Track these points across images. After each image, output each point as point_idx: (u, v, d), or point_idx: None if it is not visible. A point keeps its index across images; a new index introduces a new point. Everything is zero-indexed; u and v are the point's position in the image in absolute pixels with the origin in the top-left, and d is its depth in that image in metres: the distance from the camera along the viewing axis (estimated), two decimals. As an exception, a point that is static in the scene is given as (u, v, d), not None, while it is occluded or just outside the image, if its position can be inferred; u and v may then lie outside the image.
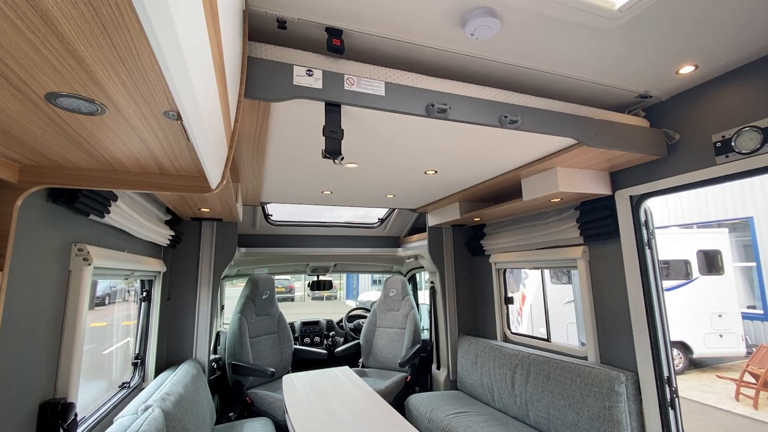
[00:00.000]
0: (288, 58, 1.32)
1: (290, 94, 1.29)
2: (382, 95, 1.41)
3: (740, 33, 1.57)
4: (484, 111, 1.60)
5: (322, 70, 1.34)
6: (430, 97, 1.50)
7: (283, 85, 1.28)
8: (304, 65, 1.33)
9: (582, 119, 1.83)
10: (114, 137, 0.88)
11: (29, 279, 1.25)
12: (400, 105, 1.44)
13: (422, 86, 1.50)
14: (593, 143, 1.83)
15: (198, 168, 1.13)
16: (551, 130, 1.74)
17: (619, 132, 1.93)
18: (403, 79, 1.48)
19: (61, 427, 1.35)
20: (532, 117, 1.69)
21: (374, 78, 1.42)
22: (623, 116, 2.02)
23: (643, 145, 2.00)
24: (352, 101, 1.37)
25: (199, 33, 0.53)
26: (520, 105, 1.69)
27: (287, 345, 4.33)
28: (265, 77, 1.26)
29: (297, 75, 1.31)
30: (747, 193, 8.48)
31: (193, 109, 0.61)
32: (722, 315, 7.15)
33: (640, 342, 2.24)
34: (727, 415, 5.31)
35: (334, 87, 1.35)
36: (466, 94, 1.59)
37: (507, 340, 3.59)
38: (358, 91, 1.38)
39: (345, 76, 1.37)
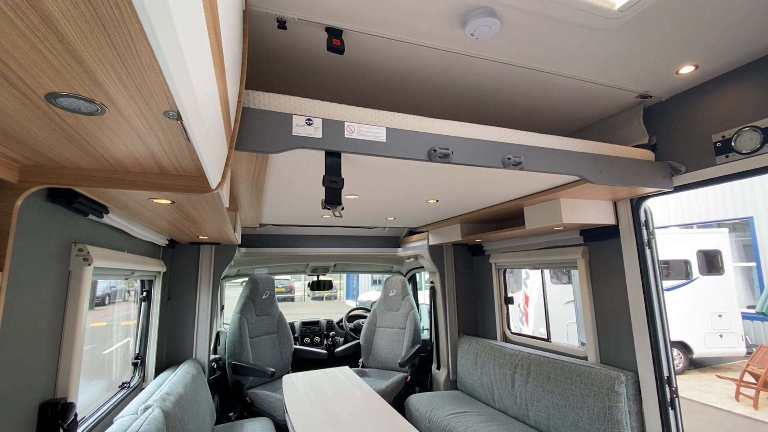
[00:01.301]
0: (286, 106, 1.28)
1: (289, 145, 1.25)
2: (384, 141, 1.37)
3: (740, 33, 1.57)
4: (486, 153, 1.56)
5: (321, 118, 1.30)
6: (432, 141, 1.46)
7: (281, 135, 1.24)
8: (304, 113, 1.29)
9: (586, 156, 1.78)
10: (114, 137, 0.88)
11: (29, 279, 1.25)
12: (401, 151, 1.40)
13: (424, 130, 1.46)
14: (598, 180, 1.78)
15: (198, 168, 1.13)
16: (555, 168, 1.69)
17: (624, 167, 1.89)
18: (405, 122, 1.44)
19: (61, 427, 1.35)
20: (535, 156, 1.65)
21: (375, 123, 1.38)
22: (628, 150, 1.97)
23: (648, 180, 1.96)
24: (353, 149, 1.33)
25: (199, 33, 0.53)
26: (524, 144, 1.64)
27: (287, 345, 4.33)
28: (262, 128, 1.22)
29: (296, 125, 1.26)
30: (747, 193, 8.48)
31: (193, 109, 0.61)
32: (722, 315, 7.15)
33: (640, 342, 2.24)
34: (727, 415, 5.31)
35: (334, 135, 1.31)
36: (469, 136, 1.55)
37: (507, 340, 3.59)
38: (358, 138, 1.34)
39: (345, 124, 1.33)
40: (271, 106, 1.25)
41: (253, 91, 1.25)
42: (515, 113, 2.31)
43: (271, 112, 1.24)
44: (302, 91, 1.99)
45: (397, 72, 1.82)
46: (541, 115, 2.34)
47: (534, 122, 2.45)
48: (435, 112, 2.28)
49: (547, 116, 2.37)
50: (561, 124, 2.49)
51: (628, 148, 1.98)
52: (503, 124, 2.48)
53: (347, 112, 1.35)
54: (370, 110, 1.40)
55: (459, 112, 2.28)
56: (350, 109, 1.37)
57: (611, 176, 1.82)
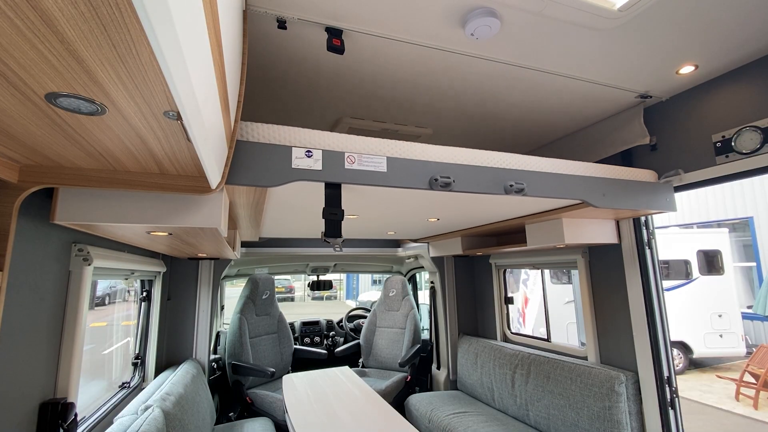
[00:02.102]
0: (286, 138, 1.25)
1: (289, 178, 1.22)
2: (384, 171, 1.36)
3: (740, 33, 1.57)
4: (488, 180, 1.54)
5: (321, 149, 1.28)
6: (433, 170, 1.44)
7: (281, 168, 1.22)
8: (303, 145, 1.26)
9: (589, 180, 1.77)
10: (114, 137, 0.88)
11: (29, 279, 1.25)
12: (402, 180, 1.39)
13: (425, 158, 1.45)
14: (600, 204, 1.77)
15: (198, 168, 1.13)
16: (558, 193, 1.68)
17: (627, 190, 1.87)
18: (406, 151, 1.42)
19: (61, 427, 1.35)
20: (538, 181, 1.63)
21: (375, 153, 1.36)
22: (631, 171, 1.95)
23: (650, 202, 1.94)
24: (354, 180, 1.31)
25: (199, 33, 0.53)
26: (526, 170, 1.63)
27: (287, 345, 4.33)
28: (261, 161, 1.19)
29: (296, 157, 1.24)
30: (747, 193, 8.48)
31: (193, 109, 0.61)
32: (722, 315, 7.15)
33: (640, 342, 2.24)
34: (727, 415, 5.31)
35: (334, 167, 1.28)
36: (470, 163, 1.53)
37: (507, 340, 3.59)
38: (359, 169, 1.32)
39: (346, 154, 1.31)
40: (270, 138, 1.23)
41: (251, 123, 1.22)
42: (515, 113, 2.31)
43: (270, 145, 1.22)
44: (302, 91, 1.99)
45: (397, 72, 1.82)
46: (542, 115, 2.34)
47: (534, 122, 2.45)
48: (435, 111, 2.28)
49: (548, 116, 2.37)
50: (561, 124, 2.49)
51: (631, 170, 1.96)
52: (503, 124, 2.48)
53: (348, 141, 1.33)
54: (371, 139, 1.38)
55: (459, 112, 2.28)
56: (351, 138, 1.34)
57: (614, 200, 1.81)
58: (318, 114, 2.27)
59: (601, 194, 1.77)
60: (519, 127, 2.54)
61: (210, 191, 1.18)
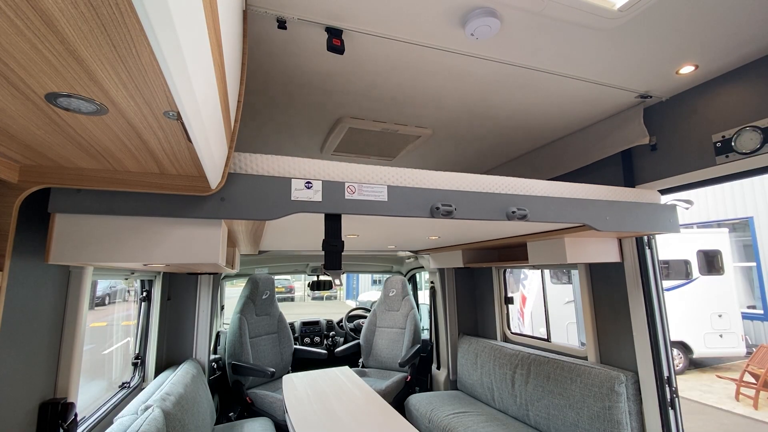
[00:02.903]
0: (285, 168, 1.23)
1: (288, 210, 1.21)
2: (385, 200, 1.35)
3: (740, 33, 1.57)
4: (490, 207, 1.53)
5: (321, 180, 1.26)
6: (434, 197, 1.43)
7: (280, 201, 1.20)
8: (302, 175, 1.24)
9: (592, 203, 1.75)
10: (114, 137, 0.88)
11: (29, 279, 1.25)
12: (403, 209, 1.38)
13: (426, 185, 1.43)
14: (603, 228, 1.75)
15: (198, 168, 1.13)
16: (561, 218, 1.66)
17: (630, 212, 1.85)
18: (407, 179, 1.41)
19: (61, 427, 1.35)
20: (540, 206, 1.62)
21: (376, 181, 1.35)
22: (635, 192, 1.93)
23: (654, 224, 1.92)
24: (354, 210, 1.30)
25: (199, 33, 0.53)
26: (528, 195, 1.61)
27: (287, 345, 4.33)
28: (259, 194, 1.17)
29: (295, 189, 1.22)
30: (747, 193, 8.48)
31: (193, 109, 0.61)
32: (722, 315, 7.15)
33: (640, 342, 2.24)
34: (727, 415, 5.31)
35: (334, 197, 1.27)
36: (472, 189, 1.52)
37: (507, 340, 3.59)
38: (359, 198, 1.31)
39: (346, 184, 1.30)
40: (268, 169, 1.21)
41: (248, 155, 1.20)
42: (515, 113, 2.31)
43: (269, 177, 1.20)
44: (302, 91, 1.99)
45: (397, 72, 1.82)
46: (542, 114, 2.34)
47: (534, 122, 2.45)
48: (435, 111, 2.28)
49: (548, 116, 2.37)
50: (561, 123, 2.49)
51: (635, 191, 1.94)
52: (503, 124, 2.48)
53: (348, 171, 1.32)
54: (371, 167, 1.37)
55: (459, 112, 2.28)
56: (351, 167, 1.33)
57: (616, 223, 1.79)
58: (318, 114, 2.27)
59: (605, 217, 1.75)
60: (519, 127, 2.54)
61: (210, 191, 1.18)
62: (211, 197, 1.14)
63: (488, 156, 3.14)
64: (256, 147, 2.79)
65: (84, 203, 1.03)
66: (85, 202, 1.03)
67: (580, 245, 2.16)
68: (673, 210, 2.01)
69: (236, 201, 1.15)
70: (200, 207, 1.12)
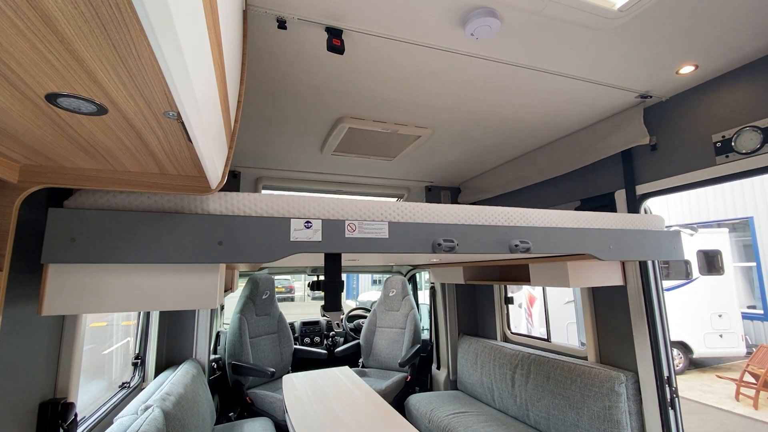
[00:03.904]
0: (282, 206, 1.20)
1: (287, 252, 1.18)
2: (386, 237, 1.32)
3: (740, 33, 1.57)
4: (493, 240, 1.51)
5: (321, 219, 1.24)
6: (436, 232, 1.42)
7: (278, 242, 1.17)
8: (302, 213, 1.22)
9: (596, 232, 1.74)
10: (114, 137, 0.88)
11: (29, 279, 1.25)
12: (405, 246, 1.35)
13: (428, 220, 1.41)
14: (606, 257, 1.73)
15: (198, 168, 1.13)
16: (564, 249, 1.65)
17: (634, 240, 1.84)
18: (408, 213, 1.39)
19: (61, 427, 1.35)
20: (544, 237, 1.60)
21: (376, 218, 1.33)
22: (639, 219, 1.91)
23: (658, 252, 1.91)
24: (354, 248, 1.28)
25: (199, 33, 0.53)
26: (531, 226, 1.60)
27: (287, 345, 4.33)
28: (257, 237, 1.14)
29: (294, 229, 1.19)
30: (747, 193, 8.48)
31: (193, 109, 0.61)
32: (722, 315, 7.15)
33: (640, 342, 2.24)
34: (727, 415, 5.31)
35: (334, 236, 1.24)
36: (474, 222, 1.49)
37: (507, 340, 3.59)
38: (360, 237, 1.28)
39: (346, 222, 1.27)
40: (267, 208, 1.19)
41: (247, 194, 1.18)
42: (515, 113, 2.31)
43: (268, 218, 1.18)
44: (302, 91, 1.99)
45: (397, 72, 1.82)
46: (542, 114, 2.34)
47: (534, 122, 2.45)
48: (435, 111, 2.28)
49: (548, 116, 2.37)
50: (561, 123, 2.49)
51: (639, 217, 1.92)
52: (503, 124, 2.48)
53: (348, 206, 1.30)
54: (372, 200, 1.36)
55: (459, 112, 2.28)
56: (352, 202, 1.32)
57: (620, 252, 1.78)
58: (318, 114, 2.27)
59: (608, 246, 1.74)
60: (519, 127, 2.54)
61: (210, 191, 1.18)
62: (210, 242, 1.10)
63: (488, 156, 3.14)
64: (256, 147, 2.79)
65: (78, 252, 0.99)
66: (79, 250, 0.99)
67: (583, 270, 2.15)
68: (677, 236, 1.99)
69: (234, 244, 1.12)
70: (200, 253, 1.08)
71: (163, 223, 1.07)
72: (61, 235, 0.97)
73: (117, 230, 1.03)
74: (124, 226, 1.03)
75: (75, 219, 0.99)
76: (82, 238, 0.99)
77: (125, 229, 1.03)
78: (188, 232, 1.08)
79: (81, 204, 1.04)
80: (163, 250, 1.06)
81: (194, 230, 1.09)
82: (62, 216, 0.98)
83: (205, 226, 1.10)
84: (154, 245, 1.05)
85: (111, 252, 1.01)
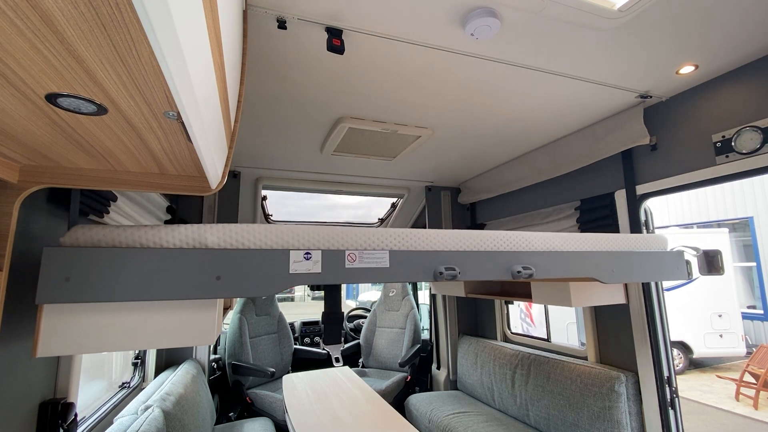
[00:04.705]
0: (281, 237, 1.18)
1: (286, 284, 1.16)
2: (387, 267, 1.30)
3: (740, 33, 1.57)
4: (496, 266, 1.49)
5: (320, 250, 1.21)
6: (438, 260, 1.39)
7: (277, 275, 1.15)
8: (301, 243, 1.20)
9: (599, 255, 1.72)
10: (114, 137, 0.88)
11: (30, 279, 1.25)
12: (406, 275, 1.34)
13: (429, 248, 1.39)
14: (610, 280, 1.72)
15: (198, 168, 1.13)
16: (567, 273, 1.63)
17: (638, 262, 1.83)
18: (409, 241, 1.36)
19: (61, 427, 1.35)
20: (547, 262, 1.59)
21: (377, 246, 1.31)
22: (643, 239, 1.89)
23: (661, 273, 1.89)
24: (355, 279, 1.26)
25: (199, 33, 0.53)
26: (534, 251, 1.57)
27: (287, 345, 4.33)
28: (256, 270, 1.12)
29: (294, 261, 1.17)
30: (747, 193, 8.48)
31: (193, 109, 0.61)
32: (722, 315, 7.15)
33: (640, 342, 2.24)
34: (727, 415, 5.31)
35: (334, 267, 1.22)
36: (476, 248, 1.47)
37: (507, 340, 3.59)
38: (360, 267, 1.26)
39: (346, 253, 1.25)
40: (266, 239, 1.17)
41: (246, 225, 1.16)
42: (515, 113, 2.31)
43: (267, 251, 1.15)
44: (302, 91, 1.99)
45: (397, 72, 1.82)
46: (542, 114, 2.34)
47: (534, 122, 2.45)
48: (435, 111, 2.28)
49: (548, 116, 2.37)
50: (561, 123, 2.49)
51: (643, 237, 1.90)
52: (503, 124, 2.48)
53: (348, 236, 1.28)
54: (372, 229, 1.34)
55: (459, 112, 2.28)
56: (352, 231, 1.30)
57: (623, 275, 1.76)
58: (318, 114, 2.27)
59: (611, 270, 1.73)
60: (519, 127, 2.54)
61: (210, 191, 1.18)
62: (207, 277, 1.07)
63: (488, 156, 3.14)
64: (256, 147, 2.79)
65: (72, 291, 0.96)
66: (73, 290, 0.96)
67: (585, 289, 2.14)
68: (681, 257, 1.98)
69: (233, 278, 1.10)
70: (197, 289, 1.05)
71: (160, 259, 1.03)
72: (55, 274, 0.94)
73: (112, 267, 0.99)
74: (120, 263, 0.99)
75: (69, 257, 0.95)
76: (77, 277, 0.96)
77: (121, 266, 0.99)
78: (186, 267, 1.04)
79: (76, 240, 1.00)
80: (159, 287, 1.02)
81: (192, 265, 1.05)
82: (57, 255, 0.94)
83: (203, 260, 1.07)
84: (150, 282, 1.01)
85: (106, 290, 0.98)
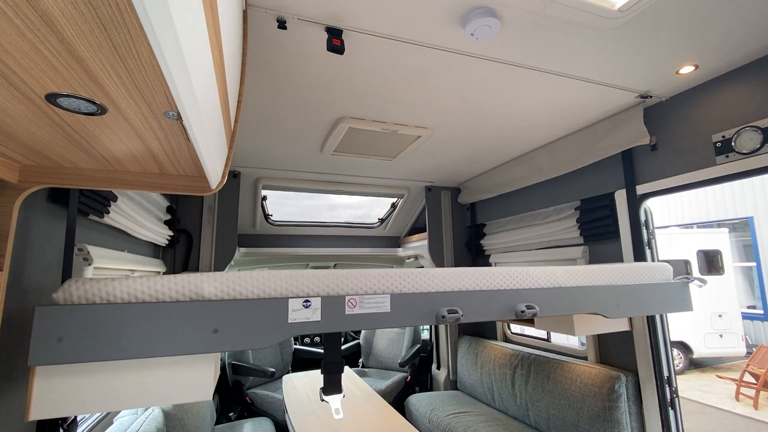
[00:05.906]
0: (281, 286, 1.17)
1: (284, 334, 1.12)
2: (388, 311, 1.26)
3: (740, 33, 1.57)
4: (499, 306, 1.46)
5: (320, 297, 1.19)
6: (440, 302, 1.36)
7: (276, 325, 1.11)
8: (301, 290, 1.18)
9: (603, 290, 1.69)
10: (114, 137, 0.88)
11: (30, 279, 1.25)
12: (407, 319, 1.30)
13: (431, 289, 1.36)
14: (614, 315, 1.70)
15: (198, 168, 1.13)
16: (571, 309, 1.61)
17: (642, 294, 1.81)
18: (410, 282, 1.34)
19: (61, 427, 1.35)
20: (550, 299, 1.56)
21: (377, 290, 1.28)
22: (646, 268, 1.87)
23: (665, 305, 1.87)
24: (355, 325, 1.22)
25: (199, 33, 0.53)
26: (536, 288, 1.55)
27: (287, 345, 4.33)
28: (253, 321, 1.08)
29: (293, 310, 1.14)
30: (747, 193, 8.48)
31: (193, 109, 0.61)
32: (722, 315, 7.15)
33: (640, 342, 2.24)
34: (727, 415, 5.31)
35: (334, 314, 1.19)
36: (479, 288, 1.45)
37: (507, 340, 3.59)
38: (360, 313, 1.23)
39: (347, 299, 1.22)
40: (264, 287, 1.14)
41: (244, 273, 1.13)
42: (515, 113, 2.31)
43: (265, 300, 1.12)
44: (302, 91, 1.99)
45: (397, 72, 1.82)
46: (542, 114, 2.34)
47: (534, 122, 2.45)
48: (435, 111, 2.28)
49: (548, 116, 2.37)
50: (562, 123, 2.49)
51: (647, 266, 1.89)
52: (503, 124, 2.48)
53: (348, 279, 1.26)
54: (373, 270, 1.32)
55: (459, 112, 2.28)
56: (352, 274, 1.28)
57: (627, 309, 1.74)
58: (318, 114, 2.27)
59: (615, 305, 1.70)
60: (519, 127, 2.54)
61: (210, 191, 1.18)
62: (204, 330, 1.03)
63: (488, 156, 3.14)
64: (256, 147, 2.79)
65: (65, 352, 0.92)
66: (66, 350, 0.92)
67: (588, 320, 2.11)
68: (686, 288, 1.96)
69: (230, 331, 1.06)
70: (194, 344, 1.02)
71: (156, 313, 1.00)
72: (48, 334, 0.91)
73: (107, 325, 0.95)
74: (115, 321, 0.96)
75: (62, 317, 0.92)
76: (69, 337, 0.92)
77: (116, 324, 0.96)
78: (183, 320, 1.01)
79: (70, 296, 0.96)
80: (156, 344, 0.98)
81: (189, 318, 1.02)
82: (49, 314, 0.91)
83: (200, 312, 1.03)
84: (146, 338, 0.98)
85: (100, 350, 0.94)
